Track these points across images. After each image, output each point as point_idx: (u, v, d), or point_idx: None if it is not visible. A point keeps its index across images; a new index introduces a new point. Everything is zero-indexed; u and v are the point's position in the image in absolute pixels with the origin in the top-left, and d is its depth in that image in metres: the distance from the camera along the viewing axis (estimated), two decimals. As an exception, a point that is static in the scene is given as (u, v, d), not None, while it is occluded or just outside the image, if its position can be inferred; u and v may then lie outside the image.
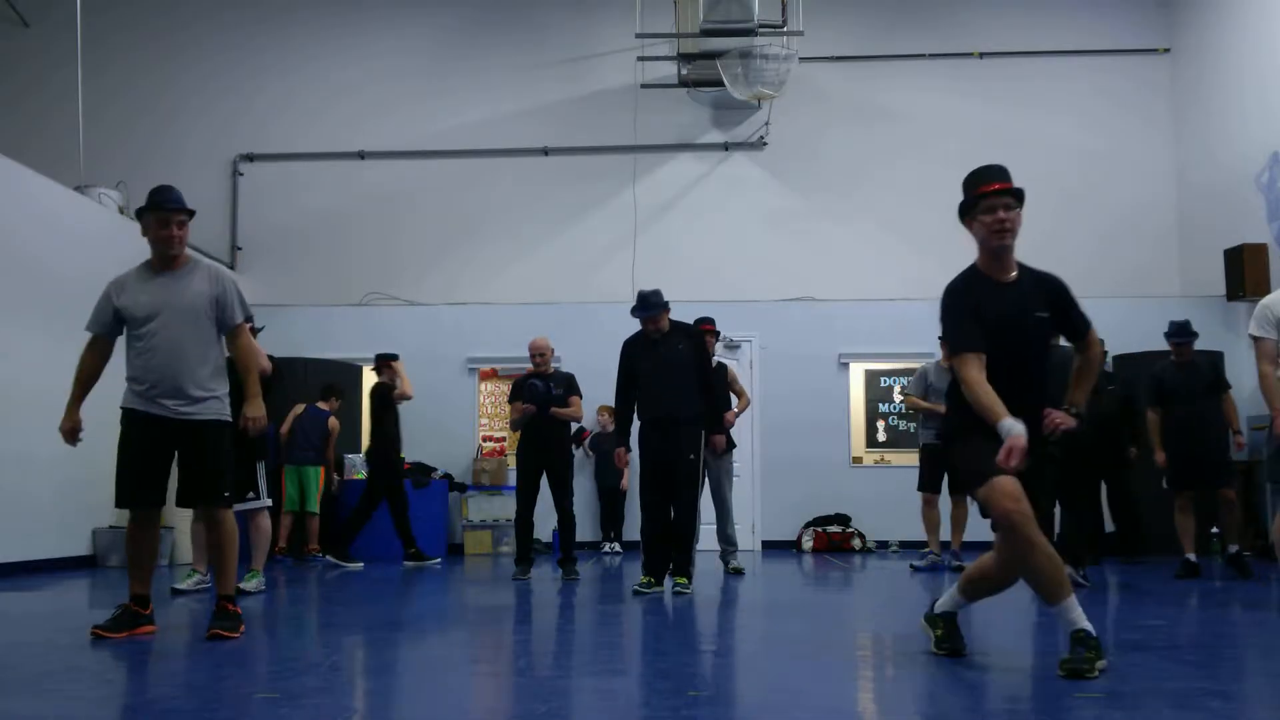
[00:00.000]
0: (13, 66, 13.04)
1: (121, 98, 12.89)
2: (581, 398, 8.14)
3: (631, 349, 6.95)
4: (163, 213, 4.76)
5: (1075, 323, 4.03)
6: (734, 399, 8.54)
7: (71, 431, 4.80)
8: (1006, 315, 3.85)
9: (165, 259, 4.81)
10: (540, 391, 7.86)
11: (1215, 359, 9.90)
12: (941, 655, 4.05)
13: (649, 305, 6.81)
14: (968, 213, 3.95)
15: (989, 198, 3.86)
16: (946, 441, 4.24)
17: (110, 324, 4.81)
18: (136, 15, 13.25)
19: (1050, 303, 3.94)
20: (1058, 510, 6.95)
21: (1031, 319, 3.88)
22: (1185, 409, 7.98)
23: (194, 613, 5.62)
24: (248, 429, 4.83)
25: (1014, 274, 3.94)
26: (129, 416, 4.75)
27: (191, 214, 4.87)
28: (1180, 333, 8.07)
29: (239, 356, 4.87)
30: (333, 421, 10.21)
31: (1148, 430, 8.21)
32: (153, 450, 4.71)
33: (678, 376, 6.72)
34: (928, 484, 8.74)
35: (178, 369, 4.68)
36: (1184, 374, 8.07)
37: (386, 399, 9.53)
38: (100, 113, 12.05)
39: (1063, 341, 4.27)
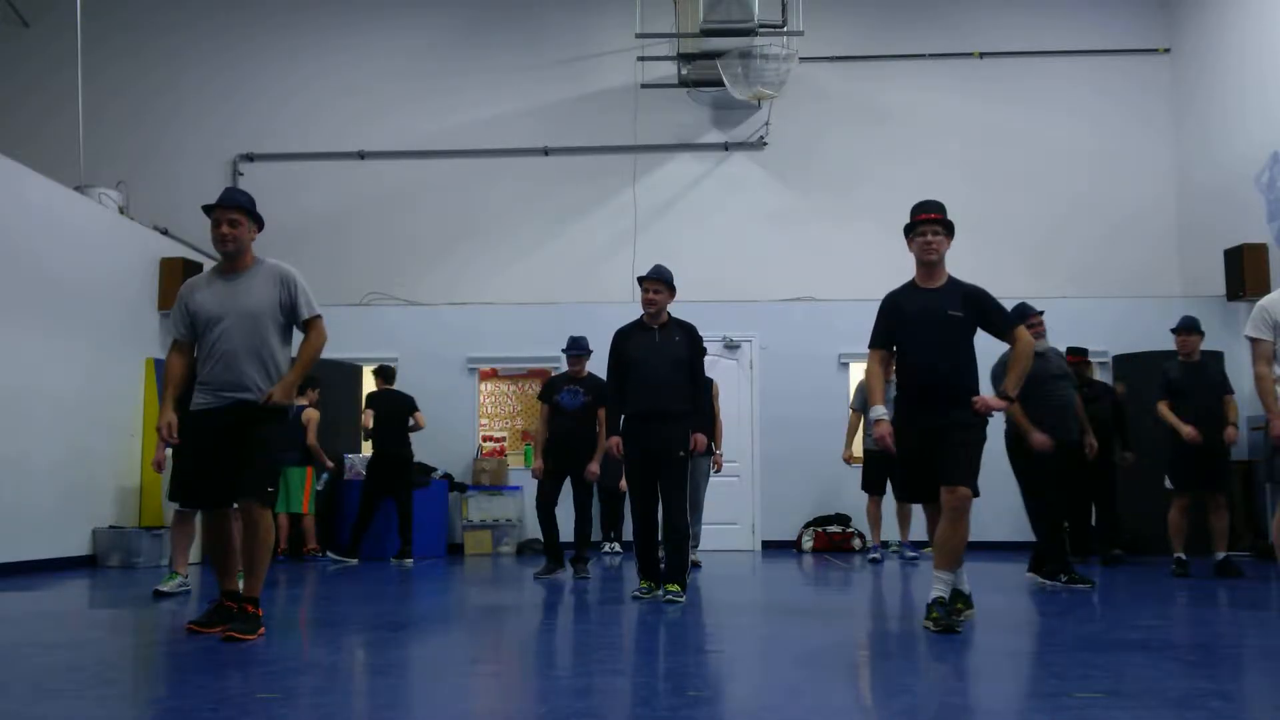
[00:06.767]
0: (13, 66, 13.05)
1: (121, 98, 12.89)
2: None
3: (624, 338, 6.65)
4: (214, 211, 4.82)
5: (996, 321, 5.14)
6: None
7: (168, 428, 4.79)
8: (924, 312, 5.05)
9: (227, 259, 4.87)
10: (568, 405, 8.14)
11: (1219, 359, 9.89)
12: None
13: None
14: (909, 234, 5.15)
15: (923, 224, 5.05)
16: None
17: (185, 328, 4.86)
18: (136, 15, 13.25)
19: (969, 306, 5.03)
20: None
21: (945, 315, 5.00)
22: (1191, 408, 7.94)
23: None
24: (267, 401, 4.75)
25: (941, 283, 5.12)
26: (191, 417, 4.78)
27: (251, 215, 4.86)
28: (1186, 327, 8.07)
29: (304, 346, 4.89)
30: (308, 413, 9.98)
31: (1162, 423, 8.03)
32: (210, 449, 4.73)
33: (670, 370, 6.43)
34: (870, 486, 9.64)
35: (241, 371, 4.72)
36: (1191, 373, 8.05)
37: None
38: (100, 113, 12.06)
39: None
